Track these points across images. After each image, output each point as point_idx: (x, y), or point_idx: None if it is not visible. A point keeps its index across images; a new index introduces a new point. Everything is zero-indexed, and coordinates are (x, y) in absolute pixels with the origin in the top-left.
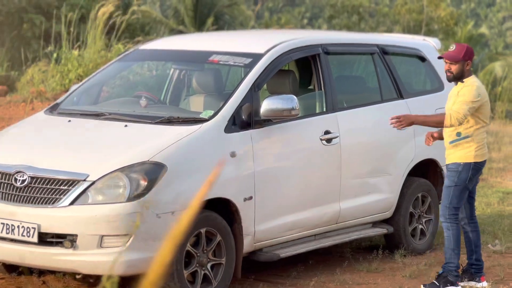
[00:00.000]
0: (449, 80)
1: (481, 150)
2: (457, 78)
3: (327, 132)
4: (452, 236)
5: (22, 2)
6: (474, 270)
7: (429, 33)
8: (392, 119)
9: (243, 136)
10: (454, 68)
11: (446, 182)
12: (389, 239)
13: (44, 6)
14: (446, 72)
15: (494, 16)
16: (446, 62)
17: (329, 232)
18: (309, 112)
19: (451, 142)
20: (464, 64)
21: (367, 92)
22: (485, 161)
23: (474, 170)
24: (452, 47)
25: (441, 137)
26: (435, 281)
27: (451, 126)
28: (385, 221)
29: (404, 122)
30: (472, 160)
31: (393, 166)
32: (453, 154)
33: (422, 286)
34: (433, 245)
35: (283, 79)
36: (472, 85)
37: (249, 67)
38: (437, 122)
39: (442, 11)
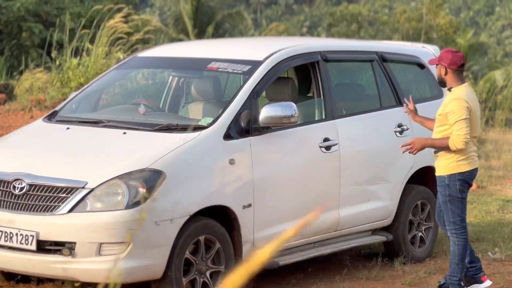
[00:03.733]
0: (439, 85)
1: (465, 160)
2: (440, 83)
3: (326, 140)
4: (458, 251)
5: (21, 11)
6: (472, 273)
7: (428, 41)
8: (402, 146)
9: (242, 144)
10: (437, 73)
11: (440, 197)
12: (388, 247)
13: (43, 15)
14: None
15: (493, 24)
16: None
17: (328, 240)
18: (308, 120)
19: (435, 153)
20: (440, 69)
21: (366, 99)
22: (472, 171)
23: (461, 180)
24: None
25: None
26: None
27: (459, 149)
28: (385, 229)
29: (416, 146)
30: (455, 171)
31: (392, 173)
32: (438, 167)
33: None
34: (433, 252)
35: (282, 86)
36: (457, 98)
37: (248, 74)
38: (444, 145)
39: (441, 19)
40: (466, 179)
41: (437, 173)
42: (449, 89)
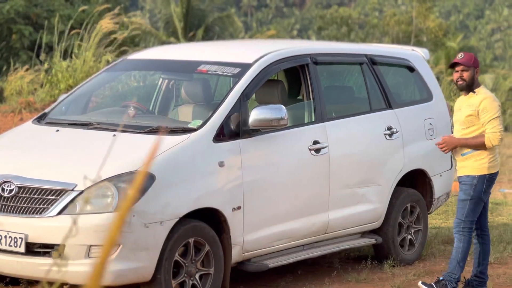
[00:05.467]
0: (461, 89)
1: (494, 162)
2: (469, 86)
3: (315, 142)
4: (462, 249)
5: (11, 13)
6: (476, 283)
7: (418, 44)
8: (437, 144)
9: (232, 146)
10: (466, 75)
11: (461, 195)
12: (378, 250)
13: (33, 17)
14: (457, 80)
15: (483, 28)
16: (457, 70)
17: (317, 242)
18: (297, 122)
19: (464, 154)
20: (474, 72)
21: (355, 102)
22: (497, 172)
23: (488, 182)
24: (461, 55)
25: None
26: (433, 284)
27: (494, 146)
28: (374, 231)
29: (448, 146)
30: (486, 172)
31: (382, 176)
32: (466, 167)
33: (420, 283)
34: (422, 255)
35: (271, 89)
36: (488, 97)
37: (237, 77)
38: (478, 144)
39: (431, 22)
40: (492, 181)
41: (465, 173)
42: (473, 91)
